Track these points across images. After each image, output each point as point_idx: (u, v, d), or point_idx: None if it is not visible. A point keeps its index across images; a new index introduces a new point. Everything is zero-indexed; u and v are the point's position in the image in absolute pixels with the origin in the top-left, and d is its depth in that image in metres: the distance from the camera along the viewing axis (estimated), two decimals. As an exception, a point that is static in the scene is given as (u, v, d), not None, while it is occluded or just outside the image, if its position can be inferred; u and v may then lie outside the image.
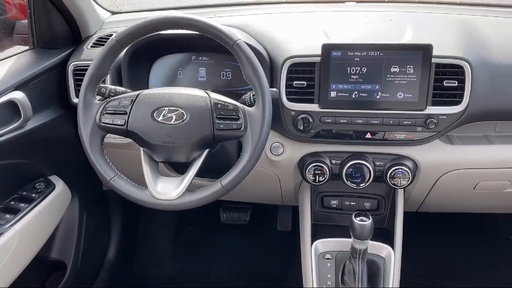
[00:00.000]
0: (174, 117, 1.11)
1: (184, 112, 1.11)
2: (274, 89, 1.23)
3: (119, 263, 2.07)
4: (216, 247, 2.25)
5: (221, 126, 1.10)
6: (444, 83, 1.25)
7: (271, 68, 1.34)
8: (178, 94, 1.13)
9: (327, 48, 1.25)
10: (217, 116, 1.11)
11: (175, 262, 2.21)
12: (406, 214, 1.54)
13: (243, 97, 1.23)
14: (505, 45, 1.35)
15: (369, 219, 1.22)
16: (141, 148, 1.17)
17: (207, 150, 1.15)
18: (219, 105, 1.11)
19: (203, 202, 1.13)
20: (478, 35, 1.37)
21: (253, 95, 1.15)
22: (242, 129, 1.11)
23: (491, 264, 2.02)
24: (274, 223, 2.17)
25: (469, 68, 1.24)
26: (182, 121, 1.10)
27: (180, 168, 1.50)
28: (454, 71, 1.25)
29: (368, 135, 1.33)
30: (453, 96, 1.27)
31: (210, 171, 1.30)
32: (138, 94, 1.14)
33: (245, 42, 1.14)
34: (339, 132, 1.33)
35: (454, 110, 1.26)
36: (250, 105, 1.16)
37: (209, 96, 1.13)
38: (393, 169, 1.36)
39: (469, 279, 1.98)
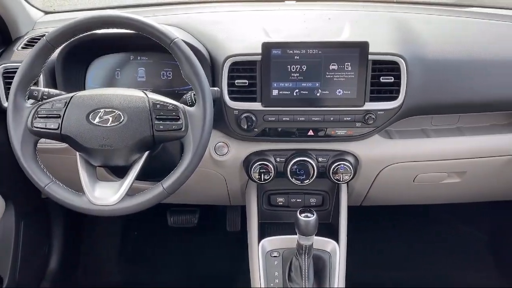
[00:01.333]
0: (110, 119, 1.07)
1: (121, 114, 1.07)
2: (215, 88, 1.22)
3: (61, 273, 1.98)
4: (164, 252, 2.21)
5: (161, 127, 1.08)
6: (381, 79, 1.28)
7: (212, 67, 1.32)
8: (115, 95, 1.09)
9: (267, 47, 1.25)
10: (156, 116, 1.08)
11: (122, 269, 2.15)
12: (350, 209, 1.57)
13: (184, 97, 1.22)
14: (438, 42, 1.40)
15: (314, 215, 1.23)
16: (77, 153, 1.12)
17: (147, 153, 1.12)
18: (158, 106, 1.09)
19: (144, 206, 1.09)
20: (413, 32, 1.42)
21: (194, 94, 1.14)
22: (182, 129, 1.09)
23: (432, 253, 2.10)
24: (223, 224, 2.16)
25: (404, 64, 1.28)
26: (119, 123, 1.07)
27: (120, 172, 1.46)
28: (390, 67, 1.28)
29: (311, 132, 1.34)
30: (390, 92, 1.30)
31: (152, 174, 1.27)
32: (72, 96, 1.10)
33: (184, 40, 1.13)
34: (283, 130, 1.34)
35: (391, 106, 1.30)
36: (191, 105, 1.14)
37: (147, 96, 1.10)
38: (335, 164, 1.38)
39: (412, 268, 2.05)
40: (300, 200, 1.54)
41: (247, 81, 1.28)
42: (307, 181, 1.40)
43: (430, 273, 2.02)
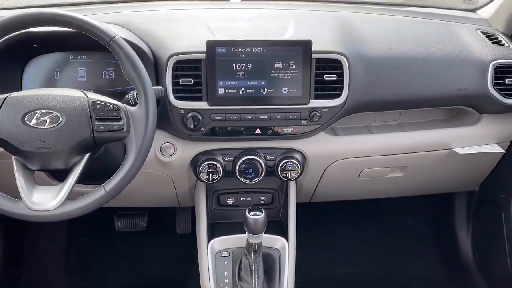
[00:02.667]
0: (48, 120, 1.03)
1: (59, 115, 1.03)
2: (158, 87, 1.20)
3: (2, 283, 1.88)
4: (112, 257, 2.15)
5: (101, 127, 1.05)
6: (325, 77, 1.31)
7: (156, 66, 1.30)
8: (52, 95, 1.05)
9: (212, 45, 1.24)
10: (97, 117, 1.05)
11: (68, 275, 2.06)
12: (300, 205, 1.59)
13: (126, 96, 1.19)
14: (379, 40, 1.44)
15: (262, 213, 1.23)
16: (13, 157, 1.06)
17: (88, 155, 1.09)
18: (98, 106, 1.05)
19: (86, 210, 1.06)
20: (354, 31, 1.45)
21: (136, 94, 1.11)
22: (124, 130, 1.06)
23: (379, 246, 2.16)
24: (173, 226, 2.12)
25: (346, 62, 1.30)
26: (57, 125, 1.03)
27: (61, 176, 1.40)
28: (333, 65, 1.31)
29: (258, 131, 1.35)
30: (333, 90, 1.32)
31: (95, 177, 1.23)
32: (6, 97, 1.04)
33: (124, 38, 1.10)
34: (230, 129, 1.33)
35: (335, 103, 1.32)
36: (134, 105, 1.11)
37: (86, 96, 1.06)
38: (283, 162, 1.39)
39: (360, 261, 2.10)
40: (250, 199, 1.54)
41: (192, 80, 1.26)
42: (256, 179, 1.40)
43: (378, 266, 2.08)
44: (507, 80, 1.44)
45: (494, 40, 1.52)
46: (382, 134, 1.52)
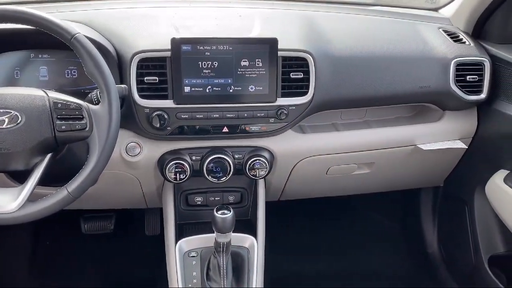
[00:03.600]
0: (6, 120, 0.99)
1: (18, 114, 1.00)
2: (122, 85, 1.17)
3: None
4: (80, 261, 2.10)
5: (63, 127, 1.02)
6: (291, 75, 1.31)
7: (120, 65, 1.27)
8: (10, 94, 1.02)
9: (177, 42, 1.22)
10: (58, 116, 1.02)
11: (34, 280, 2.00)
12: (270, 204, 1.59)
13: (89, 95, 1.16)
14: (344, 39, 1.46)
15: (230, 211, 1.22)
16: (-31, 158, 1.02)
17: (49, 155, 1.06)
18: (59, 105, 1.02)
19: (48, 212, 1.03)
20: (321, 29, 1.46)
21: (100, 92, 1.08)
22: (87, 129, 1.04)
23: (349, 242, 2.19)
24: (142, 228, 2.09)
25: (312, 60, 1.31)
26: (17, 124, 0.99)
27: (22, 177, 1.36)
28: (299, 63, 1.31)
29: (226, 129, 1.34)
30: (300, 88, 1.33)
31: (58, 178, 1.19)
32: None
33: (86, 36, 1.07)
34: (197, 127, 1.32)
35: (302, 101, 1.33)
36: (97, 104, 1.09)
37: (47, 95, 1.03)
38: (251, 160, 1.39)
39: (331, 258, 2.12)
40: (219, 198, 1.53)
41: (157, 78, 1.25)
42: (224, 178, 1.39)
43: (347, 262, 2.10)
44: (468, 77, 1.48)
45: (455, 38, 1.56)
46: (349, 131, 1.54)
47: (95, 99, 1.13)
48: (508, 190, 1.43)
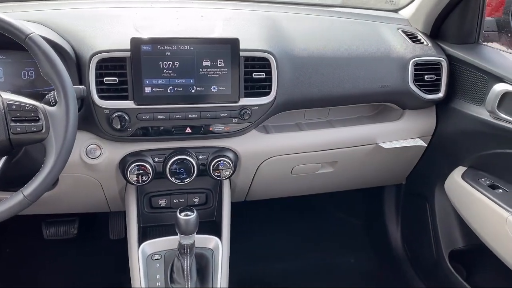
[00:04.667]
0: None
1: None
2: (80, 86, 1.15)
3: None
4: (42, 268, 2.04)
5: (18, 129, 0.99)
6: (253, 75, 1.31)
7: (79, 65, 1.25)
8: None
9: (136, 43, 1.21)
10: (12, 118, 0.99)
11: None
12: (235, 204, 1.59)
13: (46, 96, 1.13)
14: (306, 39, 1.47)
15: (194, 213, 1.22)
16: None
17: (4, 158, 1.02)
18: (14, 106, 0.99)
19: (3, 217, 0.99)
20: (282, 30, 1.47)
21: (57, 93, 1.06)
22: (43, 131, 1.01)
23: (315, 241, 2.21)
24: (106, 232, 2.05)
25: (274, 60, 1.32)
26: None
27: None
28: (261, 63, 1.32)
29: (188, 130, 1.33)
30: (263, 88, 1.33)
31: (15, 182, 1.16)
32: None
33: (42, 36, 1.05)
34: (159, 128, 1.31)
35: (265, 101, 1.34)
36: (54, 105, 1.06)
37: (1, 96, 1.00)
38: (215, 161, 1.38)
39: (297, 258, 2.14)
40: (183, 200, 1.52)
41: (117, 79, 1.23)
42: (188, 179, 1.38)
43: (313, 261, 2.12)
44: (426, 76, 1.52)
45: (413, 38, 1.60)
46: (312, 131, 1.56)
47: (53, 101, 1.10)
48: (466, 186, 1.48)
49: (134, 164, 1.33)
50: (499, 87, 1.36)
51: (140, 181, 1.34)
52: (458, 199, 1.55)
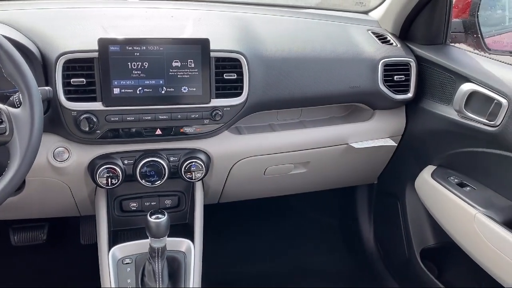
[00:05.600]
0: None
1: None
2: (46, 87, 1.12)
3: None
4: (10, 275, 1.98)
5: None
6: (225, 76, 1.31)
7: (45, 66, 1.22)
8: None
9: (104, 43, 1.19)
10: None
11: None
12: (209, 207, 1.57)
13: (11, 98, 1.10)
14: (277, 40, 1.47)
15: (165, 215, 1.20)
16: None
17: (-35, 162, 0.99)
18: None
19: None
20: (254, 31, 1.47)
21: (21, 95, 1.03)
22: (6, 133, 0.98)
23: (289, 242, 2.21)
24: (77, 237, 2.01)
25: (245, 61, 1.32)
26: None
27: None
28: (232, 64, 1.32)
29: (159, 131, 1.31)
30: (234, 89, 1.33)
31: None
32: None
33: (5, 36, 1.02)
34: (128, 130, 1.29)
35: (236, 102, 1.33)
36: (19, 107, 1.03)
37: None
38: (187, 163, 1.37)
39: (272, 259, 2.13)
40: (155, 203, 1.49)
41: (84, 80, 1.20)
42: (159, 182, 1.36)
43: (288, 262, 2.12)
44: (395, 77, 1.54)
45: (383, 39, 1.62)
46: (285, 131, 1.56)
47: (17, 102, 1.07)
48: (435, 185, 1.50)
49: (103, 167, 1.31)
50: (466, 87, 1.39)
51: (109, 184, 1.32)
52: (428, 197, 1.58)
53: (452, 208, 1.42)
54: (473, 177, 1.46)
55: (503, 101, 1.28)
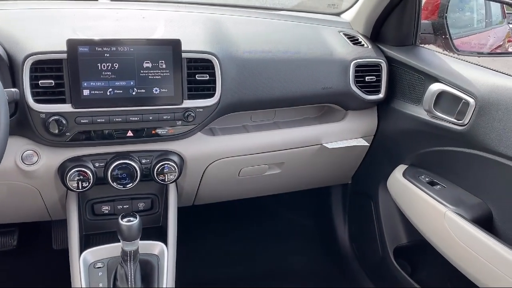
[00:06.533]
0: None
1: None
2: (12, 89, 1.10)
3: None
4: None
5: None
6: (197, 77, 1.30)
7: (12, 67, 1.19)
8: None
9: (73, 44, 1.17)
10: None
11: None
12: (183, 209, 1.56)
13: None
14: (250, 41, 1.48)
15: (137, 218, 1.18)
16: None
17: None
18: None
19: None
20: (226, 32, 1.47)
21: None
22: None
23: (265, 243, 2.21)
24: (49, 242, 1.97)
25: (217, 62, 1.32)
26: None
27: None
28: (204, 65, 1.31)
29: (130, 133, 1.30)
30: (207, 90, 1.33)
31: None
32: None
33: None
34: (99, 132, 1.27)
35: (209, 103, 1.33)
36: None
37: None
38: (159, 165, 1.36)
39: (248, 260, 2.13)
40: (128, 206, 1.48)
41: (53, 81, 1.18)
42: (131, 185, 1.34)
43: (264, 263, 2.12)
44: (367, 78, 1.56)
45: (354, 41, 1.64)
46: (259, 132, 1.56)
47: None
48: (407, 184, 1.52)
49: (74, 170, 1.28)
50: (435, 87, 1.41)
51: (80, 188, 1.30)
52: (400, 196, 1.60)
53: (423, 206, 1.44)
54: (443, 176, 1.48)
55: (471, 100, 1.31)
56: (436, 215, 1.38)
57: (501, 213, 1.30)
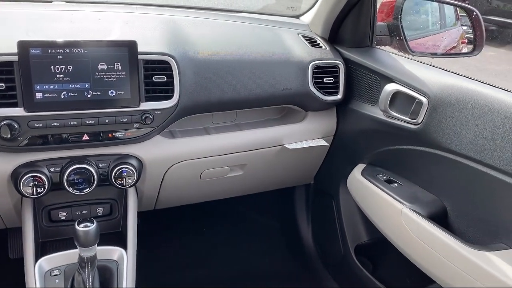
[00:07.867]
0: None
1: None
2: None
3: None
4: None
5: None
6: (154, 79, 1.29)
7: None
8: None
9: (24, 46, 1.14)
10: None
11: None
12: (145, 213, 1.54)
13: None
14: (208, 43, 1.48)
15: (93, 223, 1.16)
16: None
17: None
18: None
19: None
20: (184, 33, 1.46)
21: None
22: None
23: (232, 246, 2.20)
24: (5, 250, 1.90)
25: (175, 63, 1.31)
26: None
27: None
28: (162, 67, 1.30)
29: (86, 137, 1.27)
30: (165, 91, 1.32)
31: None
32: None
33: None
34: (53, 136, 1.24)
35: (167, 105, 1.32)
36: None
37: None
38: (117, 169, 1.34)
39: (215, 264, 2.12)
40: (86, 211, 1.45)
41: (3, 85, 1.15)
42: (88, 190, 1.31)
43: (228, 265, 2.11)
44: (325, 79, 1.58)
45: (313, 43, 1.66)
46: (220, 134, 1.56)
47: None
48: (365, 182, 1.55)
49: (28, 175, 1.25)
50: (390, 87, 1.45)
51: (35, 194, 1.26)
52: (359, 195, 1.63)
53: (381, 204, 1.47)
54: (400, 174, 1.52)
55: (424, 100, 1.35)
56: (393, 213, 1.41)
57: (454, 209, 1.35)
